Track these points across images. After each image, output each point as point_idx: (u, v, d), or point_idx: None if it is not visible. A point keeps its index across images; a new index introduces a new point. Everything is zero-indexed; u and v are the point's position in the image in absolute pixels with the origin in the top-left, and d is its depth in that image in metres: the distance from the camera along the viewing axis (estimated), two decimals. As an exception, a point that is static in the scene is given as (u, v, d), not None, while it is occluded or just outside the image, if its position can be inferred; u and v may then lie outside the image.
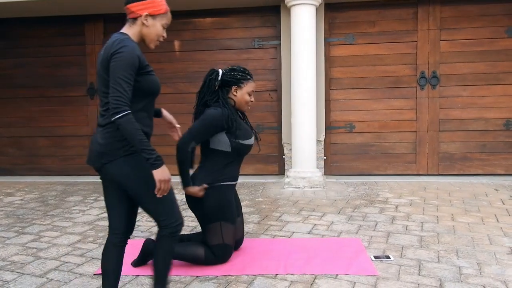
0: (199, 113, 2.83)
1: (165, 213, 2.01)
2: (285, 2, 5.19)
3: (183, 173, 2.75)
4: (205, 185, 2.78)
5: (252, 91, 2.88)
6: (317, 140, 5.47)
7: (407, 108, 5.64)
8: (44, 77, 6.21)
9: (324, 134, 5.63)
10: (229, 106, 2.79)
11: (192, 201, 2.82)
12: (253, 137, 2.91)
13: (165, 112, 2.40)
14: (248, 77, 2.85)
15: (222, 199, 2.78)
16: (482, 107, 5.53)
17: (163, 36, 2.07)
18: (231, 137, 2.77)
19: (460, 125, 5.57)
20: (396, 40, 5.60)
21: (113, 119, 1.83)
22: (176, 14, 5.93)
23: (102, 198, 4.79)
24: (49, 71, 6.20)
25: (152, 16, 2.00)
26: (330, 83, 5.71)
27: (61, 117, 6.22)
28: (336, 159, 5.78)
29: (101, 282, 2.58)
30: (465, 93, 5.55)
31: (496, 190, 4.87)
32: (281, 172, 5.82)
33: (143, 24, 1.99)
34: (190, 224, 3.77)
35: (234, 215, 2.83)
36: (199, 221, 2.85)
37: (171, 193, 2.02)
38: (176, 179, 5.83)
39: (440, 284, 2.47)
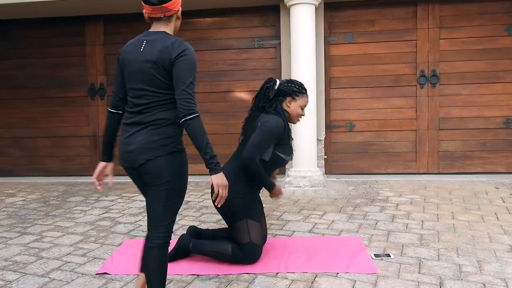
0: (253, 117, 2.84)
1: (170, 221, 2.01)
2: (285, 1, 5.20)
3: (264, 180, 2.73)
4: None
5: (305, 105, 2.90)
6: (317, 139, 5.48)
7: (407, 107, 5.65)
8: (44, 77, 6.23)
9: (324, 133, 5.64)
10: (285, 116, 2.82)
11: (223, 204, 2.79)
12: (292, 154, 2.91)
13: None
14: (304, 91, 2.88)
15: (247, 201, 2.77)
16: (482, 105, 5.54)
17: None
18: (275, 148, 2.77)
19: (460, 123, 5.58)
20: (395, 39, 5.61)
21: (184, 119, 1.89)
22: (176, 14, 5.98)
23: (104, 198, 4.83)
24: (49, 72, 6.21)
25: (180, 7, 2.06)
26: (330, 82, 5.72)
27: (62, 118, 6.24)
28: (336, 158, 5.79)
29: (103, 281, 2.60)
30: (465, 92, 5.55)
31: (496, 188, 4.88)
32: (282, 171, 5.83)
33: (177, 17, 2.07)
34: (191, 223, 3.78)
35: (260, 214, 2.83)
36: (225, 220, 2.84)
37: (179, 207, 2.04)
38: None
39: (440, 282, 2.48)
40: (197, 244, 2.83)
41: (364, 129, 5.71)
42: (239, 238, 2.75)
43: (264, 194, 4.79)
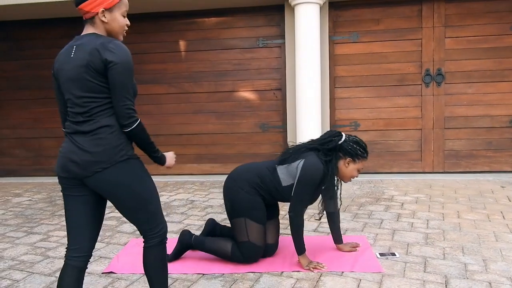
0: (302, 150, 2.76)
1: (154, 219, 1.92)
2: (289, 1, 5.20)
3: (299, 241, 2.68)
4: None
5: (362, 168, 2.80)
6: (322, 138, 5.47)
7: (412, 106, 5.63)
8: (49, 78, 6.25)
9: (329, 132, 5.62)
10: (334, 172, 2.72)
11: (229, 192, 2.81)
12: (310, 204, 2.83)
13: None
14: (365, 155, 2.76)
15: (252, 199, 2.75)
16: (488, 104, 5.51)
17: (127, 25, 1.93)
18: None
19: (466, 122, 5.56)
20: (400, 37, 5.59)
21: (129, 129, 1.82)
22: (180, 14, 6.00)
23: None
24: (55, 73, 6.24)
25: (109, 9, 1.85)
26: (334, 82, 5.71)
27: (68, 118, 6.26)
28: (341, 158, 5.77)
29: (109, 280, 2.61)
30: (470, 90, 5.53)
31: (502, 187, 4.86)
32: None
33: (103, 21, 1.85)
34: (196, 222, 3.79)
35: (261, 215, 2.76)
36: (227, 215, 2.85)
37: (157, 198, 1.94)
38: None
39: (445, 281, 2.48)
40: (199, 240, 2.85)
41: (369, 128, 5.70)
42: (236, 235, 2.76)
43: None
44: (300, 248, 2.69)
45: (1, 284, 2.60)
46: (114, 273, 2.72)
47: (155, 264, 1.95)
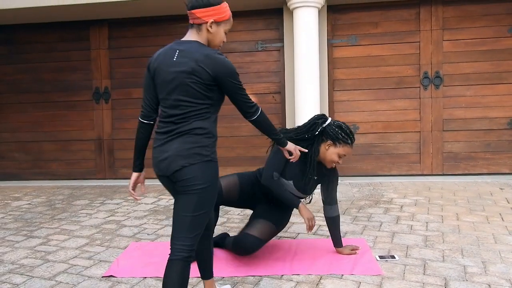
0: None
1: (197, 234, 1.92)
2: (288, 4, 5.22)
3: (286, 196, 2.78)
4: None
5: (345, 155, 2.81)
6: (321, 141, 5.48)
7: (410, 109, 5.65)
8: (49, 82, 6.27)
9: (328, 135, 5.64)
10: (315, 155, 2.78)
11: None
12: (304, 194, 2.92)
13: None
14: (348, 142, 2.77)
15: (256, 191, 3.05)
16: (486, 106, 5.54)
17: (224, 41, 2.08)
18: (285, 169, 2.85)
19: (464, 124, 5.58)
20: (398, 40, 5.61)
21: (255, 117, 2.04)
22: (180, 18, 6.02)
23: (109, 201, 4.85)
24: (54, 76, 6.26)
25: (217, 23, 1.98)
26: (333, 85, 5.73)
27: (67, 122, 6.28)
28: (340, 160, 5.79)
29: (109, 284, 2.62)
30: (468, 93, 5.55)
31: (501, 189, 4.87)
32: (286, 173, 5.83)
33: (208, 30, 1.97)
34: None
35: (247, 175, 3.06)
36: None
37: (211, 210, 1.97)
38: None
39: (445, 283, 2.49)
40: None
41: (368, 131, 5.72)
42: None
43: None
44: (292, 201, 2.77)
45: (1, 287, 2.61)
46: (114, 276, 2.72)
47: (177, 280, 1.88)
